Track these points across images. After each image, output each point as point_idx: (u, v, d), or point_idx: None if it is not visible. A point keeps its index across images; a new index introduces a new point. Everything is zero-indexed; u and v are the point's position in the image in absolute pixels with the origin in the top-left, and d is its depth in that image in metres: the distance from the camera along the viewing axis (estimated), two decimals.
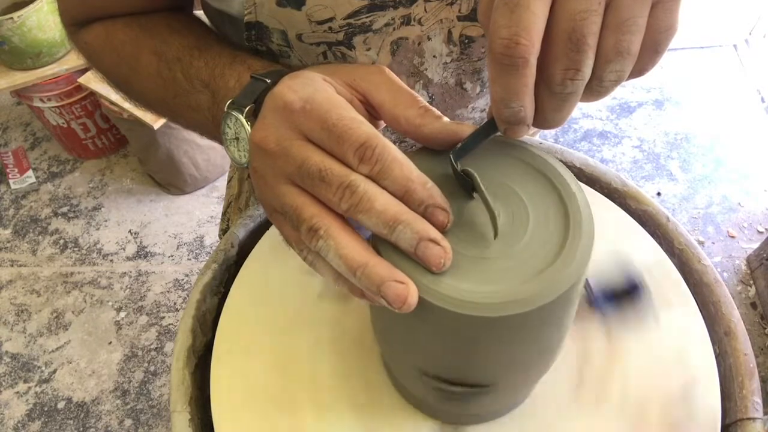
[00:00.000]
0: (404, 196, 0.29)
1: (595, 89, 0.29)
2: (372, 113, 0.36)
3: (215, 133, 0.42)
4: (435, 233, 0.29)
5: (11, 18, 1.44)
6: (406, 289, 0.28)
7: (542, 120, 0.30)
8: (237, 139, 0.39)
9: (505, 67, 0.27)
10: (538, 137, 0.75)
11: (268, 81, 0.38)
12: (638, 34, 0.27)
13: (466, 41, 0.48)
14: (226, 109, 0.38)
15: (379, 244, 0.31)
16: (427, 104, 0.34)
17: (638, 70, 0.29)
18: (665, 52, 0.29)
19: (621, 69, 0.28)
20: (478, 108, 0.56)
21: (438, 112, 0.34)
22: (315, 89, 0.32)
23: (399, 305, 0.28)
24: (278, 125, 0.32)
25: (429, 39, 0.47)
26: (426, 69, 0.49)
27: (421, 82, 0.50)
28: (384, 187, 0.29)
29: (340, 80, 0.35)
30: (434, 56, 0.48)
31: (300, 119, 0.31)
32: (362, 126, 0.30)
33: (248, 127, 0.37)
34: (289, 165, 0.31)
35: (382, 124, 0.37)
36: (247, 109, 0.37)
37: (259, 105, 0.38)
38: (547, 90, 0.28)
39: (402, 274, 0.29)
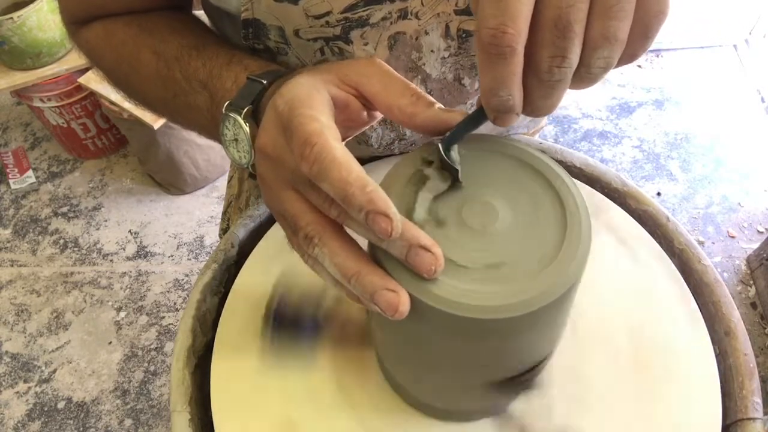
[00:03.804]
0: (343, 202, 0.28)
1: (584, 76, 0.29)
2: (368, 106, 0.36)
3: (214, 133, 0.42)
4: (426, 239, 0.29)
5: (11, 18, 1.44)
6: (397, 298, 0.29)
7: (531, 108, 0.30)
8: (236, 140, 0.39)
9: (493, 57, 0.27)
10: (537, 137, 0.75)
11: (264, 82, 0.39)
12: (626, 20, 0.27)
13: (464, 36, 0.48)
14: (224, 111, 0.38)
15: (376, 246, 0.31)
16: (420, 91, 0.34)
17: (629, 56, 0.29)
18: (656, 37, 0.28)
19: (609, 55, 0.28)
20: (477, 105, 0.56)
21: (430, 99, 0.34)
22: (298, 90, 0.32)
23: (391, 313, 0.29)
24: (274, 132, 0.32)
25: (426, 33, 0.47)
26: (424, 64, 0.49)
27: (419, 77, 0.50)
28: (325, 191, 0.29)
29: (335, 79, 0.35)
30: (432, 51, 0.48)
31: (281, 122, 0.31)
32: (311, 123, 0.29)
33: (246, 129, 0.38)
34: (286, 170, 0.31)
35: (379, 115, 0.38)
36: (245, 110, 0.38)
37: (257, 106, 0.39)
38: (534, 78, 0.28)
39: (394, 283, 0.29)
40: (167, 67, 0.46)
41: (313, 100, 0.31)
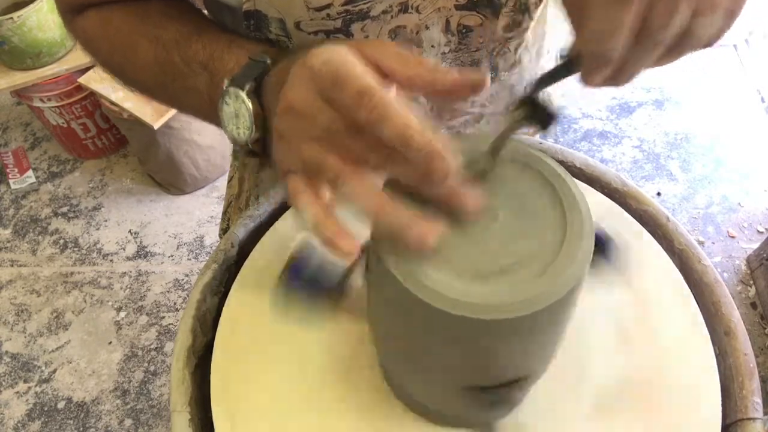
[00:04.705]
0: (403, 143, 0.29)
1: (681, 44, 0.30)
2: (384, 81, 0.36)
3: (212, 115, 0.42)
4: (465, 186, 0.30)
5: (11, 18, 1.44)
6: (428, 228, 0.29)
7: (620, 71, 0.31)
8: (236, 116, 0.39)
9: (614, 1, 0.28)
10: (538, 137, 0.75)
11: (267, 61, 0.38)
12: None
13: (464, 31, 0.48)
14: (225, 86, 0.38)
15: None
16: (436, 63, 0.35)
17: (713, 36, 0.31)
18: (738, 16, 0.31)
19: (710, 24, 0.29)
20: (478, 102, 0.56)
21: (448, 68, 0.35)
22: (335, 53, 0.33)
23: (420, 245, 0.29)
24: (304, 88, 0.32)
25: (427, 28, 0.47)
26: None
27: None
28: (381, 135, 0.29)
29: (356, 52, 0.35)
30: (432, 46, 0.48)
31: (319, 80, 0.31)
32: (365, 77, 0.30)
33: (249, 104, 0.38)
34: (315, 126, 0.32)
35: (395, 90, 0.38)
36: (248, 87, 0.37)
37: (259, 84, 0.38)
38: (636, 37, 0.29)
39: (422, 217, 0.30)
40: (165, 51, 0.46)
41: (355, 61, 0.32)
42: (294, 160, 0.33)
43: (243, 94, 0.37)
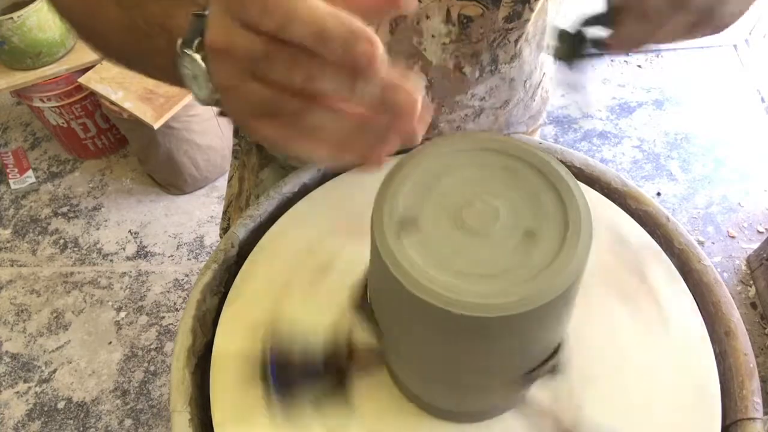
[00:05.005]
0: (319, 39, 0.25)
1: (704, 20, 0.35)
2: None
3: (178, 75, 0.41)
4: (402, 78, 0.27)
5: (11, 18, 1.44)
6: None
7: (648, 30, 0.36)
8: (194, 77, 0.38)
9: None
10: (537, 136, 0.75)
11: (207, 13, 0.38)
12: None
13: (465, 21, 0.48)
14: (178, 50, 0.38)
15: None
16: None
17: (733, 16, 0.36)
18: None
19: (734, 2, 0.35)
20: (478, 95, 0.56)
21: None
22: None
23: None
24: (221, 20, 0.30)
25: (428, 17, 0.47)
26: (425, 49, 0.49)
27: (420, 63, 0.50)
28: (293, 41, 0.26)
29: None
30: (433, 36, 0.48)
31: (232, 7, 0.29)
32: None
33: (202, 63, 0.37)
34: (243, 57, 0.29)
35: None
36: (196, 44, 0.37)
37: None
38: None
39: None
40: (129, 13, 0.45)
41: None
42: (247, 106, 0.30)
43: (195, 55, 0.37)
